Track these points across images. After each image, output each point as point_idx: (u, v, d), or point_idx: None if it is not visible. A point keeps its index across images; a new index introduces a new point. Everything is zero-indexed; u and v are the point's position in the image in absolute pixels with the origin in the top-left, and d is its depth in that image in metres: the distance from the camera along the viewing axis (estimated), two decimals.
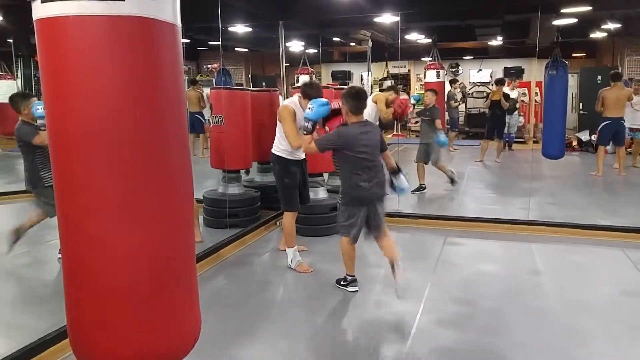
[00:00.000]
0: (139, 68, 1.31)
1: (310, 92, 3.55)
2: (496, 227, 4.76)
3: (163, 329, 1.40)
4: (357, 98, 3.16)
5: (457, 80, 11.21)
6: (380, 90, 6.25)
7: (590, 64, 12.17)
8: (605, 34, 10.08)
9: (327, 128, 3.46)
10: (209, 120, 6.60)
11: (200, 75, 10.04)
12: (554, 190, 6.50)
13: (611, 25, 9.13)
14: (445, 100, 9.59)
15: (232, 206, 4.72)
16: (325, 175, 5.17)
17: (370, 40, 9.89)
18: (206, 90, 7.09)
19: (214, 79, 8.72)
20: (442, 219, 5.02)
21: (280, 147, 3.80)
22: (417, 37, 9.94)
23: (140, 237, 1.35)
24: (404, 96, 5.87)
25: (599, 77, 9.91)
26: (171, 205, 1.42)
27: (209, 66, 10.06)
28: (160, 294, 1.39)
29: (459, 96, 10.80)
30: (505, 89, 9.00)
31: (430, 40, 10.16)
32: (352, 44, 11.41)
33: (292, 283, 3.82)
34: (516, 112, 9.59)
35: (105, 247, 1.32)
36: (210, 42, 9.31)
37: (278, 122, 3.79)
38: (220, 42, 5.18)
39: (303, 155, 3.84)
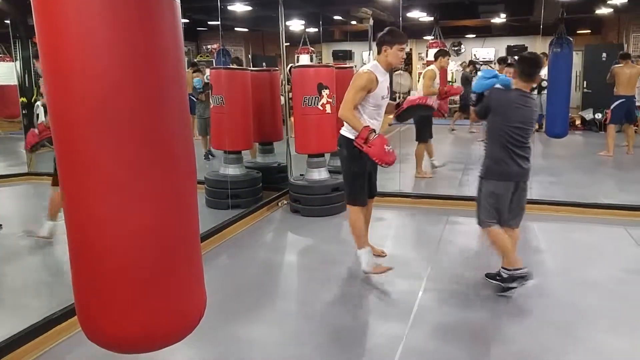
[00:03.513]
0: (139, 45, 1.29)
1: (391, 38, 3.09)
2: None
3: (170, 307, 1.42)
4: (532, 64, 2.91)
5: (475, 62, 10.97)
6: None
7: (595, 41, 12.00)
8: (611, 10, 9.90)
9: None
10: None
11: (200, 56, 9.95)
12: (557, 169, 6.49)
13: (617, 1, 8.97)
14: (461, 82, 9.49)
15: (233, 187, 4.72)
16: (327, 155, 5.15)
17: (371, 19, 9.74)
18: (207, 72, 7.05)
19: (213, 60, 8.65)
20: (444, 199, 5.02)
21: (347, 127, 3.16)
22: (419, 15, 9.80)
23: (145, 217, 1.35)
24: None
25: (604, 55, 9.78)
26: (174, 184, 1.42)
27: (209, 47, 9.96)
28: (167, 272, 1.40)
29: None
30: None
31: (432, 19, 10.01)
32: (353, 22, 11.26)
33: (294, 264, 3.85)
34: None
35: (111, 227, 1.32)
36: (209, 22, 9.20)
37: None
38: (219, 22, 5.11)
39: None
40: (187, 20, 6.68)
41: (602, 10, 9.94)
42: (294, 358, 2.44)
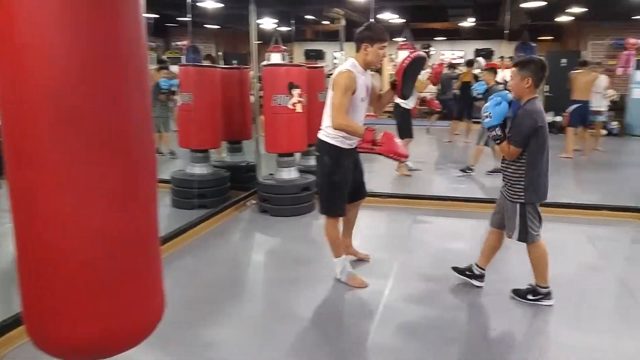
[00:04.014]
0: (98, 40, 1.25)
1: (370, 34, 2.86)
2: (464, 206, 4.86)
3: (126, 310, 1.37)
4: (544, 69, 2.70)
5: (455, 64, 11.12)
6: None
7: (557, 47, 12.40)
8: (571, 19, 10.26)
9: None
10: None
11: (170, 53, 9.77)
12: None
13: (576, 10, 9.30)
14: (441, 84, 9.61)
15: (200, 187, 4.66)
16: (297, 155, 5.14)
17: (343, 19, 9.78)
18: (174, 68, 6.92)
19: (183, 57, 8.51)
20: (412, 198, 5.08)
21: (330, 132, 2.89)
22: (390, 17, 9.91)
23: (100, 217, 1.30)
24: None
25: (564, 61, 10.11)
26: (133, 183, 1.38)
27: (178, 43, 9.78)
28: (122, 274, 1.35)
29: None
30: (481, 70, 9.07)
31: (403, 21, 10.13)
32: (326, 22, 11.29)
33: (262, 264, 3.82)
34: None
35: (63, 225, 1.27)
36: (179, 18, 9.04)
37: (328, 95, 2.93)
38: (189, 18, 5.03)
39: (356, 142, 2.95)
40: (155, 16, 6.53)
41: (563, 19, 10.28)
42: (260, 359, 2.42)
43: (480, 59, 10.85)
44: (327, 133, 2.91)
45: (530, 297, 2.88)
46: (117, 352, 1.40)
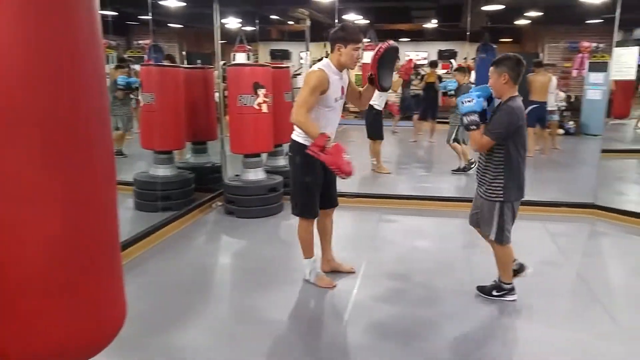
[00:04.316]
0: (51, 39, 1.19)
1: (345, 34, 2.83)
2: (429, 204, 4.93)
3: (83, 319, 1.32)
4: (520, 64, 2.69)
5: (419, 65, 11.28)
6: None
7: (516, 49, 12.75)
8: (528, 22, 10.60)
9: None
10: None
11: (131, 52, 9.51)
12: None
13: (533, 14, 9.62)
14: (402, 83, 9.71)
15: (164, 189, 4.55)
16: (264, 155, 5.10)
17: (308, 20, 9.79)
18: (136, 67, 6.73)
19: (145, 56, 8.30)
20: (377, 198, 5.12)
21: (300, 131, 2.86)
22: (354, 18, 9.96)
23: (55, 222, 1.24)
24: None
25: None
26: (91, 187, 1.32)
27: (140, 42, 9.54)
28: (79, 282, 1.30)
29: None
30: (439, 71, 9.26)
31: (367, 22, 10.22)
32: (290, 22, 11.26)
33: (228, 266, 3.77)
34: None
35: (13, 233, 1.21)
36: (140, 17, 8.82)
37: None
38: (150, 17, 4.90)
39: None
40: (115, 13, 6.35)
41: (521, 22, 10.62)
42: None
43: (453, 61, 11.09)
44: (299, 133, 2.87)
45: (495, 292, 2.95)
46: None
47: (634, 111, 10.42)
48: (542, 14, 9.59)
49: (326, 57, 2.98)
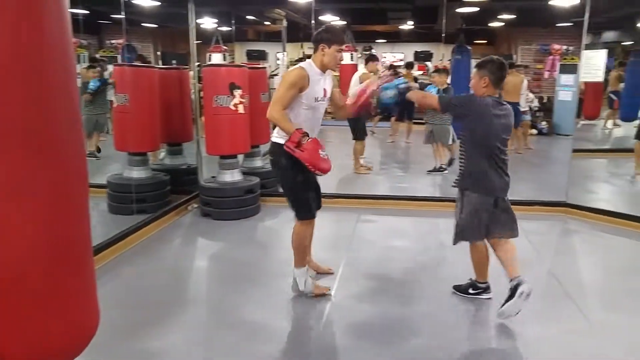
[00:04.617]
0: (19, 39, 1.15)
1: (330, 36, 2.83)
2: (406, 204, 4.97)
3: (54, 326, 1.29)
4: (503, 68, 2.70)
5: (395, 66, 11.31)
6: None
7: (490, 51, 12.98)
8: (502, 24, 10.81)
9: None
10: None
11: (103, 51, 9.31)
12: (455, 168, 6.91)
13: (506, 16, 9.82)
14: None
15: (138, 191, 4.47)
16: (240, 156, 5.06)
17: (284, 20, 9.76)
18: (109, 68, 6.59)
19: (118, 56, 8.15)
20: (356, 198, 5.14)
21: (282, 133, 2.78)
22: (331, 19, 9.98)
23: (25, 227, 1.21)
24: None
25: None
26: (61, 190, 1.29)
27: (113, 41, 9.36)
28: (49, 285, 1.26)
29: None
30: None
31: (344, 23, 10.25)
32: (267, 23, 11.22)
33: (205, 269, 3.73)
34: None
35: None
36: (113, 16, 8.65)
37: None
38: (123, 15, 4.81)
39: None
40: (86, 12, 6.21)
41: (495, 24, 10.83)
42: None
43: (429, 63, 11.21)
44: (281, 134, 2.79)
45: (471, 290, 2.99)
46: None
47: (602, 112, 10.72)
48: (515, 16, 9.80)
49: (304, 58, 2.97)
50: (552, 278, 3.38)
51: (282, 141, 2.76)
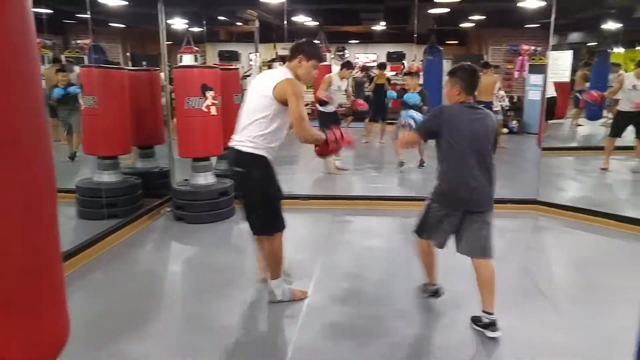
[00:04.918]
0: None
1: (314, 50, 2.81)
2: (380, 204, 4.99)
3: (24, 334, 1.24)
4: (474, 75, 2.65)
5: (368, 67, 11.35)
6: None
7: (462, 51, 13.22)
8: (473, 25, 11.01)
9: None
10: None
11: (69, 52, 9.07)
12: (431, 168, 6.99)
13: (477, 17, 10.00)
14: (354, 87, 9.75)
15: (109, 195, 4.36)
16: (213, 159, 4.99)
17: (257, 21, 9.71)
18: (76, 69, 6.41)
19: (85, 56, 7.95)
20: (331, 199, 5.14)
21: (259, 142, 2.66)
22: (304, 20, 9.98)
23: None
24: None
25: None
26: (28, 195, 1.24)
27: (79, 42, 9.12)
28: (16, 295, 1.21)
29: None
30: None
31: (317, 23, 10.26)
32: (239, 23, 11.13)
33: (179, 274, 3.66)
34: None
35: None
36: (79, 15, 8.43)
37: (250, 105, 2.73)
38: (89, 15, 4.69)
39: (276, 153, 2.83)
40: (50, 11, 6.04)
41: (466, 25, 11.01)
42: None
43: (405, 62, 11.29)
44: (255, 144, 2.66)
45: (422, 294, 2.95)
46: None
47: (568, 111, 11.02)
48: (485, 17, 9.98)
49: (277, 59, 2.95)
50: (524, 273, 3.45)
51: (257, 151, 2.67)
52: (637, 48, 12.75)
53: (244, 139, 2.70)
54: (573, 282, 3.44)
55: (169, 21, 7.53)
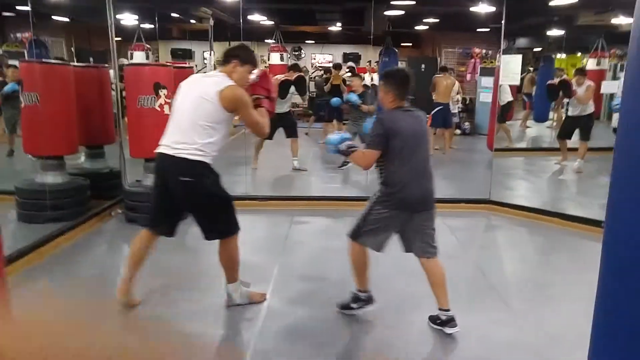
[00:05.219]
0: None
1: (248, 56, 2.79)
2: (338, 205, 4.99)
3: None
4: (406, 81, 2.66)
5: (324, 67, 11.36)
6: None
7: (416, 53, 13.48)
8: (426, 28, 11.25)
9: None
10: None
11: (7, 46, 8.57)
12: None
13: (431, 20, 10.23)
14: (315, 88, 9.74)
15: (53, 197, 4.13)
16: None
17: (211, 19, 9.51)
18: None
19: (25, 51, 7.51)
20: (289, 200, 5.09)
21: (207, 150, 2.60)
22: (259, 19, 9.86)
23: None
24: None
25: (423, 66, 11.02)
26: None
27: (19, 35, 8.62)
28: None
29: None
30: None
31: (272, 23, 10.17)
32: (193, 21, 10.88)
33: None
34: None
35: None
36: (18, 7, 7.97)
37: (189, 107, 2.65)
38: (29, 7, 4.43)
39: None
40: None
41: (420, 27, 11.24)
42: None
43: (352, 64, 11.37)
44: (204, 152, 2.59)
45: (353, 305, 2.85)
46: None
47: (517, 114, 11.46)
48: (438, 21, 10.21)
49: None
50: (477, 271, 3.54)
51: (203, 158, 2.59)
52: (578, 54, 13.47)
53: (189, 147, 2.59)
54: (523, 277, 3.55)
55: (118, 16, 7.25)
